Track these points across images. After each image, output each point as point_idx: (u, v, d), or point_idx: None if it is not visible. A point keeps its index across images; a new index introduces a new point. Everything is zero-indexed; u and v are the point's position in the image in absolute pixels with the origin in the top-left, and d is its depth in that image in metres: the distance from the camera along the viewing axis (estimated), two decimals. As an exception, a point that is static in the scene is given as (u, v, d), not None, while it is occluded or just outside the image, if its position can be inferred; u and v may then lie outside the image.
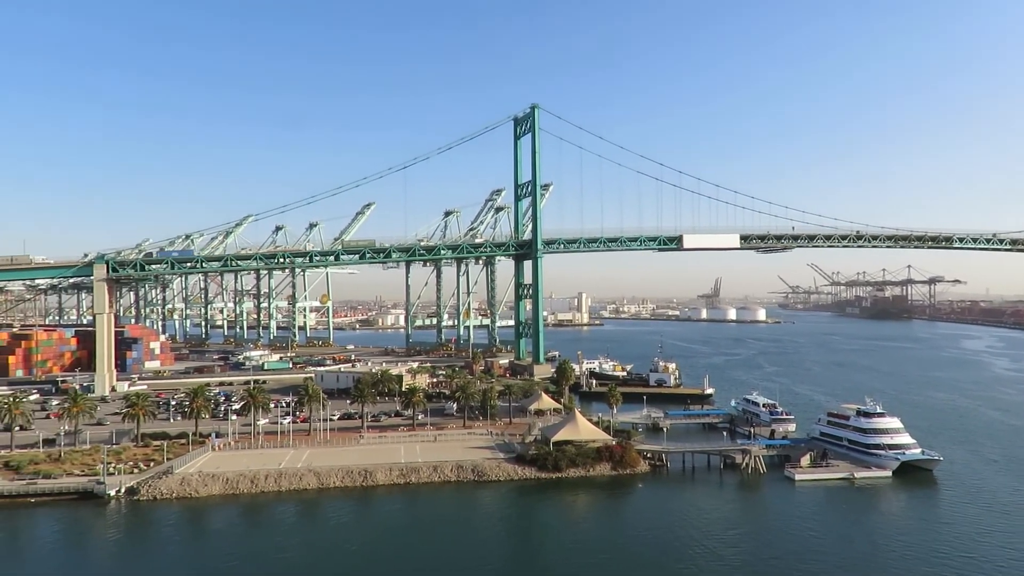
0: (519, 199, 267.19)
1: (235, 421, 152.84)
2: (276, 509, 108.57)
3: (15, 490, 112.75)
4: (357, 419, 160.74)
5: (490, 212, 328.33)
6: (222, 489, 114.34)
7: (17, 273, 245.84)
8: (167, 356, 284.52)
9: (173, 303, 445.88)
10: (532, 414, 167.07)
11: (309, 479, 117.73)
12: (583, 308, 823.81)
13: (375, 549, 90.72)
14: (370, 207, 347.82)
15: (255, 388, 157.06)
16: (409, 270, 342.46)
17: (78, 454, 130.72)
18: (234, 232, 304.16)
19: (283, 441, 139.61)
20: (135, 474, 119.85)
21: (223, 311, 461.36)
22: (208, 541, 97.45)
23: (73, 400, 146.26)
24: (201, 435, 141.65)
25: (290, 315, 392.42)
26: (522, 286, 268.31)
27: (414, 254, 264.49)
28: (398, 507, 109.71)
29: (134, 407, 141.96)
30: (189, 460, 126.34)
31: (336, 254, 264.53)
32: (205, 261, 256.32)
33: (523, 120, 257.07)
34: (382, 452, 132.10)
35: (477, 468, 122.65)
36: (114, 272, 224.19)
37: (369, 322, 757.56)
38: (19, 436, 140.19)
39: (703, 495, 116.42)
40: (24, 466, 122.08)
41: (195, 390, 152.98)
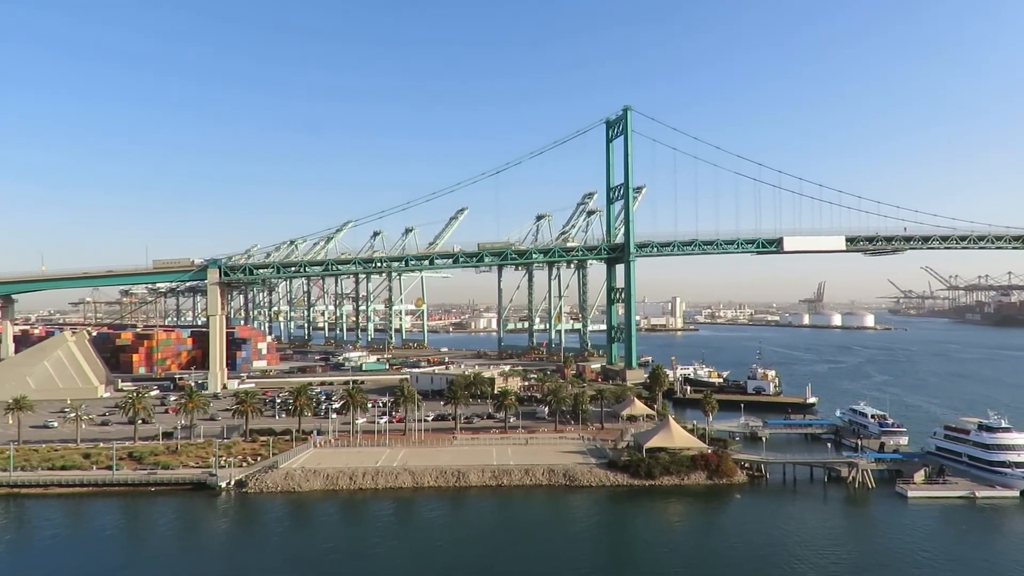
0: (611, 202, 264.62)
1: (335, 420, 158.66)
2: (373, 506, 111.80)
3: (138, 479, 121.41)
4: (451, 420, 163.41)
5: (582, 216, 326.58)
6: (323, 485, 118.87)
7: (140, 277, 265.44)
8: (273, 356, 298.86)
9: (279, 306, 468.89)
10: (624, 420, 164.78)
11: (404, 478, 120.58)
12: (677, 313, 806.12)
13: (468, 549, 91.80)
14: (463, 212, 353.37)
15: (354, 388, 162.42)
16: (501, 274, 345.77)
17: (193, 447, 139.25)
18: (335, 238, 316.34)
19: (380, 440, 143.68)
20: (243, 467, 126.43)
21: (324, 313, 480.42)
22: (309, 534, 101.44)
23: (189, 396, 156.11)
24: (304, 432, 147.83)
25: (387, 318, 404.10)
26: (614, 290, 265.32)
27: (506, 258, 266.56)
28: (490, 509, 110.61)
29: (243, 404, 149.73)
30: (293, 456, 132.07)
31: (431, 258, 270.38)
32: (308, 266, 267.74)
33: (615, 123, 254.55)
34: (475, 454, 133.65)
35: (569, 473, 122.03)
36: (226, 276, 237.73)
37: (462, 325, 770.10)
38: (141, 429, 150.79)
39: (805, 509, 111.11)
40: (145, 457, 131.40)
41: (298, 389, 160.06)
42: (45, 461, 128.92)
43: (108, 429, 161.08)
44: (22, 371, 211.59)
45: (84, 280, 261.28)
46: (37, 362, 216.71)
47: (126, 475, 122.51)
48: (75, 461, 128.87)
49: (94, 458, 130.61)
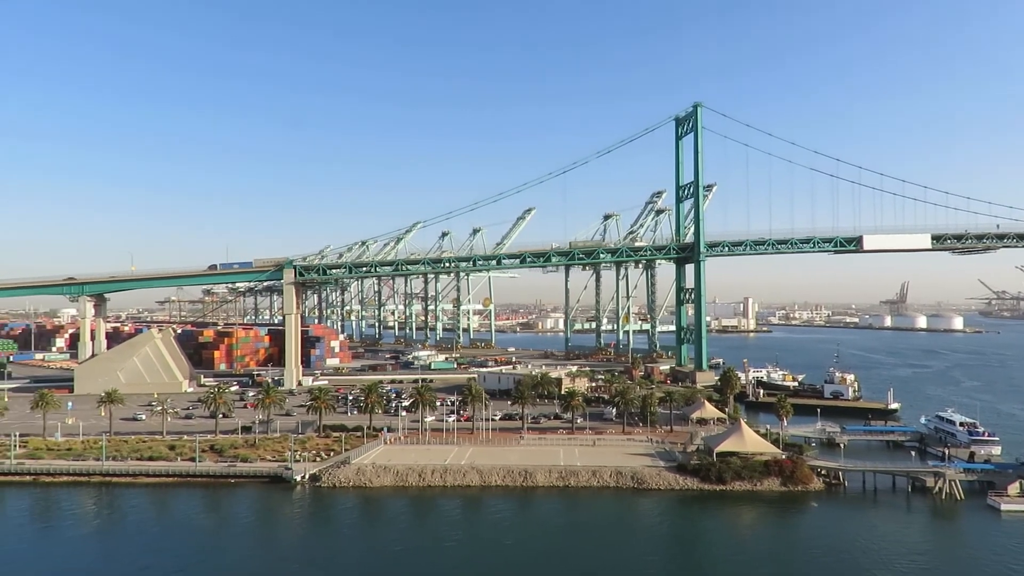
0: (680, 201, 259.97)
1: (404, 417, 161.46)
2: (441, 503, 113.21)
3: (219, 471, 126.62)
4: (517, 420, 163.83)
5: (650, 215, 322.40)
6: (393, 481, 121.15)
7: (222, 277, 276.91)
8: (345, 354, 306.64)
9: (351, 305, 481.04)
10: (694, 423, 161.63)
11: (472, 476, 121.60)
12: (749, 314, 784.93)
13: (535, 548, 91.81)
14: (530, 212, 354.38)
15: (423, 387, 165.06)
16: (568, 274, 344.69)
17: (270, 441, 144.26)
18: (404, 238, 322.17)
19: (448, 438, 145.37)
20: (317, 462, 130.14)
21: (394, 313, 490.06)
22: (380, 528, 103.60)
23: (266, 392, 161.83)
24: (374, 429, 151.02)
25: (455, 317, 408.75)
26: (684, 290, 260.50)
27: (573, 258, 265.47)
28: (557, 509, 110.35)
29: (317, 400, 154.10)
30: (364, 452, 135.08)
31: (498, 258, 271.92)
32: (378, 266, 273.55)
33: (685, 120, 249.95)
34: (542, 454, 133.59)
35: (637, 475, 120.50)
36: (300, 276, 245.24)
37: (529, 325, 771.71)
38: (222, 423, 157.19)
39: (887, 520, 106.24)
40: (226, 450, 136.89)
41: (369, 387, 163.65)
42: (134, 452, 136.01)
43: (191, 422, 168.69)
44: (113, 366, 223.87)
45: (169, 280, 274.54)
46: (127, 358, 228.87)
47: (208, 467, 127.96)
48: (161, 452, 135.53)
49: (179, 450, 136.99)
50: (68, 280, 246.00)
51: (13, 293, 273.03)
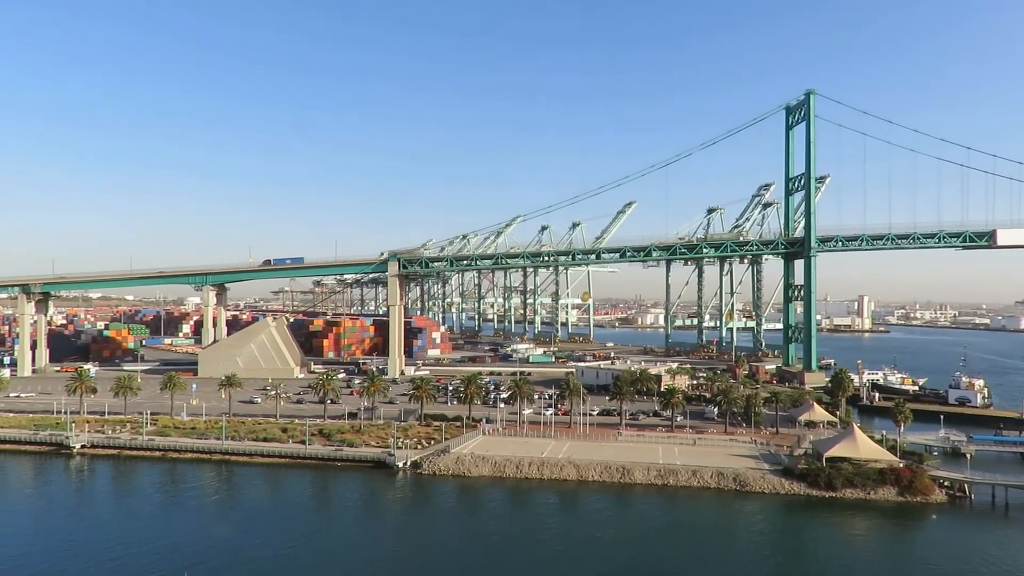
0: (790, 193, 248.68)
1: (503, 409, 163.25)
2: (538, 495, 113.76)
3: (326, 454, 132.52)
4: (615, 416, 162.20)
5: (757, 208, 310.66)
6: (491, 471, 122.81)
7: (331, 269, 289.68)
8: (446, 345, 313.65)
9: (451, 297, 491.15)
10: (801, 425, 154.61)
11: (569, 470, 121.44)
12: (864, 312, 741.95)
13: (632, 546, 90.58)
14: (631, 206, 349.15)
15: (521, 379, 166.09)
16: (669, 269, 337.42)
17: (374, 428, 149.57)
18: (504, 232, 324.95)
19: (545, 431, 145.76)
20: (418, 450, 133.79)
21: (494, 306, 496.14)
22: (477, 517, 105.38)
23: (371, 380, 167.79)
24: (473, 419, 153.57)
25: (553, 311, 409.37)
26: (792, 287, 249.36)
27: (675, 252, 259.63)
28: (655, 508, 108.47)
29: (419, 390, 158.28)
30: (463, 442, 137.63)
31: (597, 252, 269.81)
32: (479, 259, 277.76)
33: (796, 108, 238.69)
34: (640, 451, 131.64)
35: (739, 477, 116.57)
36: (404, 269, 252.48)
37: (628, 320, 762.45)
38: (330, 408, 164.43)
39: (1019, 539, 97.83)
40: (333, 434, 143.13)
41: (469, 378, 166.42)
42: (251, 433, 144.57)
43: (302, 407, 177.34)
44: (232, 352, 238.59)
45: (283, 271, 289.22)
46: (244, 344, 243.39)
47: (317, 450, 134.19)
48: (275, 434, 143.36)
49: (290, 432, 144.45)
50: (194, 271, 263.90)
51: (146, 282, 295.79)
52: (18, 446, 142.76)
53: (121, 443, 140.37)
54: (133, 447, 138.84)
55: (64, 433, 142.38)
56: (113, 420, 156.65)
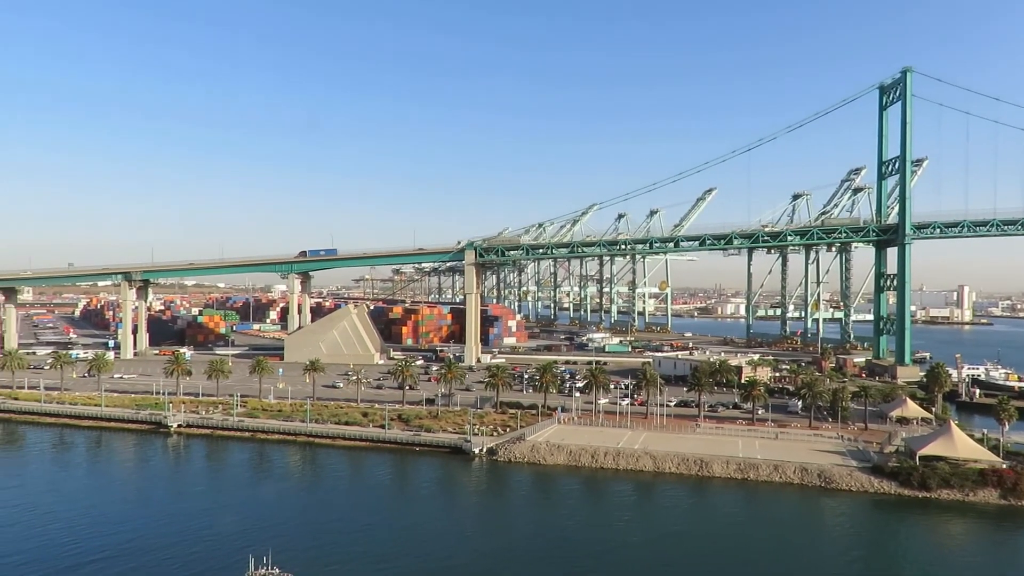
0: (883, 177, 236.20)
1: (578, 398, 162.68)
2: (613, 485, 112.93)
3: (405, 439, 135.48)
4: (693, 407, 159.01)
5: (846, 193, 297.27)
6: (566, 460, 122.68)
7: (409, 257, 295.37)
8: (521, 334, 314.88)
9: (527, 286, 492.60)
10: (893, 421, 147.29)
11: (645, 461, 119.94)
12: (964, 303, 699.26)
13: (710, 539, 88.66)
14: (711, 192, 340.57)
15: (597, 368, 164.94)
16: (751, 257, 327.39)
17: (451, 414, 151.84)
18: (580, 220, 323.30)
19: (621, 421, 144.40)
20: (494, 437, 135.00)
21: (569, 294, 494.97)
22: (553, 504, 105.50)
23: (448, 367, 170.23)
24: (549, 408, 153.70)
25: (630, 300, 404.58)
26: (884, 276, 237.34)
27: (757, 240, 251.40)
28: (735, 502, 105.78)
29: (495, 377, 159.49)
30: (538, 430, 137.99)
31: (676, 240, 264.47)
32: (554, 248, 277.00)
33: (891, 87, 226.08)
34: (719, 443, 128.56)
35: (824, 474, 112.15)
36: (480, 257, 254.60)
37: (707, 310, 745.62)
38: (408, 394, 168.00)
39: None
40: (412, 419, 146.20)
41: (544, 366, 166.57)
42: (333, 416, 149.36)
43: (381, 392, 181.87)
44: (316, 338, 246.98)
45: (363, 260, 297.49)
46: (327, 331, 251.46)
47: (396, 434, 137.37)
48: (356, 418, 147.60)
49: (371, 417, 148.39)
50: (280, 260, 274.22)
51: (236, 271, 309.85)
52: (122, 424, 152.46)
53: (214, 423, 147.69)
54: (225, 427, 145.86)
55: (162, 413, 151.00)
56: (206, 401, 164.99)
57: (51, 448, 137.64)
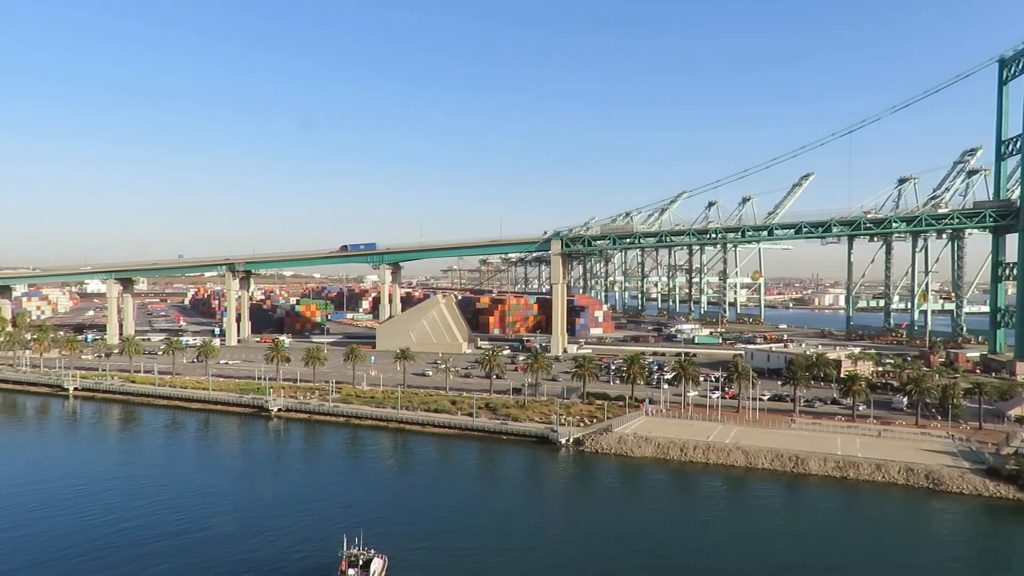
0: (1002, 158, 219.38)
1: (666, 390, 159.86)
2: (703, 479, 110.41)
3: (492, 427, 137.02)
4: (788, 402, 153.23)
5: (959, 176, 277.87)
6: (653, 453, 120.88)
7: (496, 248, 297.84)
8: (608, 324, 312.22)
9: (614, 276, 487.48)
10: (1011, 421, 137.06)
11: (737, 456, 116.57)
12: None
13: (805, 538, 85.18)
14: (808, 178, 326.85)
15: (686, 360, 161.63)
16: (852, 245, 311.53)
17: (537, 404, 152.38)
18: (668, 209, 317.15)
19: (711, 415, 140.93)
20: (581, 427, 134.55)
21: (657, 285, 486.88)
22: (641, 497, 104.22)
23: (535, 357, 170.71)
24: (636, 399, 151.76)
25: (720, 291, 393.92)
26: (1003, 264, 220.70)
27: (858, 228, 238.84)
28: (833, 501, 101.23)
29: (581, 368, 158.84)
30: (625, 421, 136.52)
31: (769, 228, 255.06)
32: (642, 237, 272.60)
33: (1012, 60, 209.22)
34: (815, 440, 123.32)
35: (932, 475, 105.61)
36: (566, 247, 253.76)
37: (804, 301, 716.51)
38: (496, 383, 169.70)
39: None
40: (499, 408, 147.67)
41: (631, 357, 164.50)
42: (423, 404, 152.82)
43: (469, 381, 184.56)
44: (406, 327, 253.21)
45: (451, 250, 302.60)
46: (417, 320, 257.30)
47: (483, 423, 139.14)
48: (444, 406, 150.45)
49: (459, 405, 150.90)
50: (372, 251, 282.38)
51: (331, 261, 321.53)
52: (227, 407, 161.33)
53: (310, 408, 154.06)
54: (321, 412, 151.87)
55: (264, 397, 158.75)
56: (304, 387, 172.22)
57: (164, 428, 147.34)
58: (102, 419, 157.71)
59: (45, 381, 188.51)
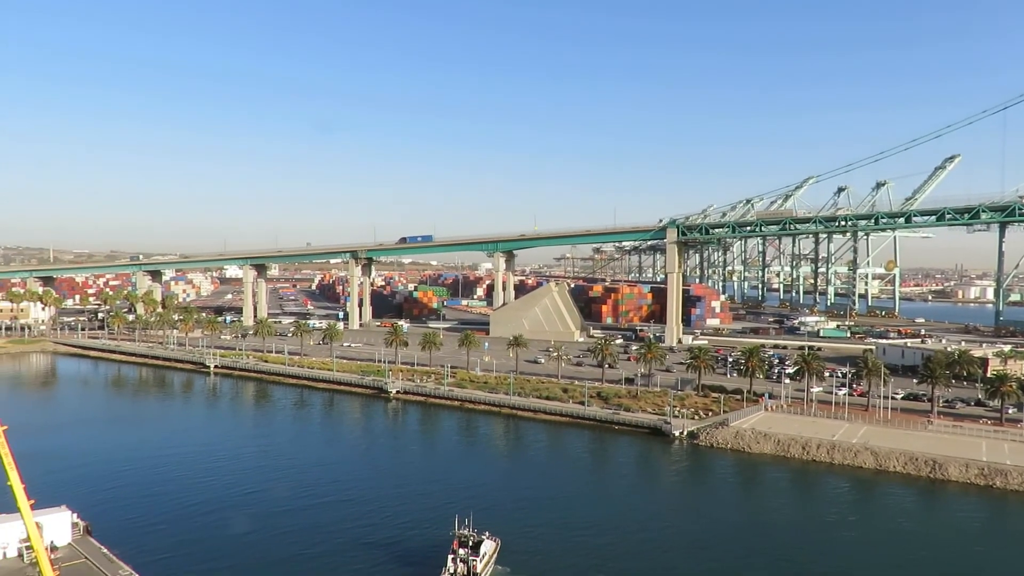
0: None
1: (788, 385, 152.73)
2: (827, 480, 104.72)
3: (604, 417, 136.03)
4: (924, 402, 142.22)
5: None
6: (773, 449, 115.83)
7: (609, 236, 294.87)
8: (726, 315, 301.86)
9: (732, 265, 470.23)
10: None
11: (865, 457, 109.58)
12: None
13: (941, 548, 78.87)
14: (953, 160, 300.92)
15: (810, 354, 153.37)
16: (1003, 233, 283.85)
17: (650, 395, 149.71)
18: (793, 195, 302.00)
19: (837, 412, 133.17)
20: (695, 420, 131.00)
21: (779, 275, 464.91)
22: (760, 495, 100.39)
23: (648, 347, 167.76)
24: (755, 393, 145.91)
25: (850, 282, 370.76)
26: None
27: (1012, 213, 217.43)
28: (975, 510, 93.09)
29: (697, 359, 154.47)
30: (743, 416, 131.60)
31: (907, 215, 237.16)
32: (763, 224, 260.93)
33: None
34: (956, 444, 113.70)
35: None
36: (683, 236, 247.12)
37: (945, 293, 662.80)
38: (608, 372, 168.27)
39: None
40: (610, 398, 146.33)
41: (750, 350, 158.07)
42: (535, 391, 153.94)
43: (581, 369, 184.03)
44: (519, 314, 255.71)
45: (564, 239, 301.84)
46: (530, 308, 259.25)
47: (594, 411, 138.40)
48: (556, 394, 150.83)
49: (570, 393, 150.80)
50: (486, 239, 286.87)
51: (447, 249, 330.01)
52: (349, 388, 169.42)
53: (427, 391, 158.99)
54: (436, 395, 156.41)
55: (383, 380, 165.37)
56: (420, 371, 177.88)
57: (292, 405, 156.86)
58: (238, 395, 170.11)
59: (190, 358, 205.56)
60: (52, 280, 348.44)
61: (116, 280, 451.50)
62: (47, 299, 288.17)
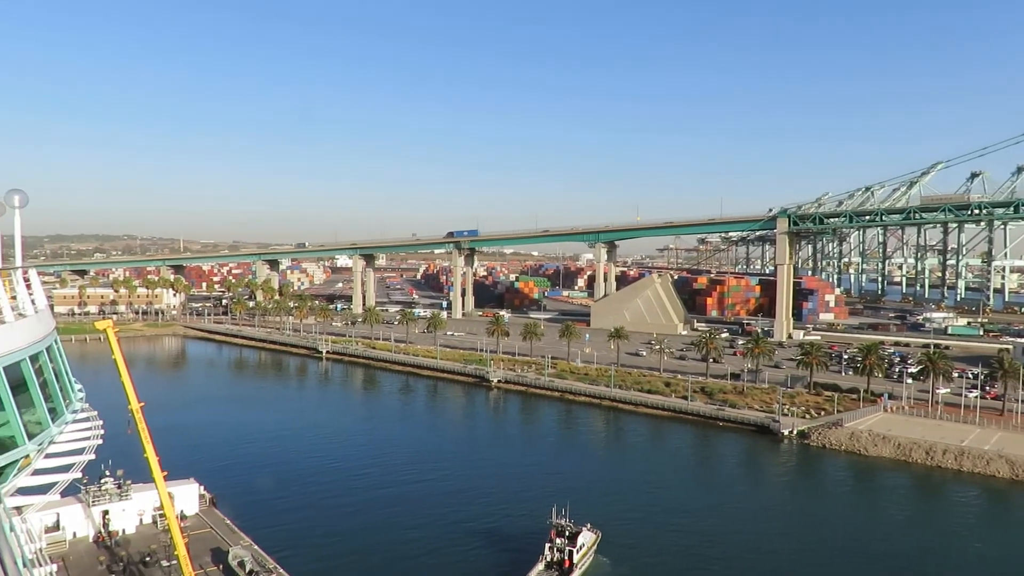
0: None
1: (910, 385, 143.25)
2: (953, 488, 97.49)
3: (708, 412, 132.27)
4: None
5: None
6: (892, 453, 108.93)
7: (715, 226, 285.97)
8: (841, 310, 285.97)
9: (849, 257, 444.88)
10: None
11: (999, 465, 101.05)
12: None
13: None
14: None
15: (935, 353, 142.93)
16: None
17: (758, 391, 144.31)
18: (919, 182, 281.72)
19: (966, 416, 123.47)
20: (806, 419, 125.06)
21: (902, 267, 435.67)
22: (875, 498, 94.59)
23: (755, 342, 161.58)
24: (872, 393, 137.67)
25: (983, 275, 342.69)
26: None
27: None
28: None
29: (808, 355, 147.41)
30: (859, 416, 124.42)
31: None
32: (884, 214, 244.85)
33: None
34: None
35: None
36: (794, 226, 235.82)
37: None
38: (712, 367, 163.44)
39: None
40: (715, 393, 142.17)
41: (868, 347, 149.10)
42: (636, 384, 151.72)
43: (684, 363, 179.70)
44: (620, 306, 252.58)
45: (667, 229, 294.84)
46: (631, 299, 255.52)
47: (698, 407, 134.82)
48: (658, 387, 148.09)
49: (673, 387, 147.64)
50: (587, 229, 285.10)
51: (548, 240, 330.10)
52: (452, 376, 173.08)
53: (528, 381, 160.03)
54: (537, 386, 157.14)
55: (485, 369, 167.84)
56: (521, 361, 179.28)
57: (398, 391, 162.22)
58: (348, 379, 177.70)
59: (304, 344, 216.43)
60: (182, 268, 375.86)
61: (238, 269, 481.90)
62: (178, 286, 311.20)
